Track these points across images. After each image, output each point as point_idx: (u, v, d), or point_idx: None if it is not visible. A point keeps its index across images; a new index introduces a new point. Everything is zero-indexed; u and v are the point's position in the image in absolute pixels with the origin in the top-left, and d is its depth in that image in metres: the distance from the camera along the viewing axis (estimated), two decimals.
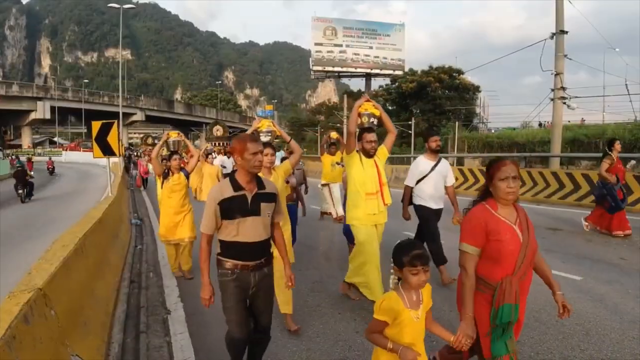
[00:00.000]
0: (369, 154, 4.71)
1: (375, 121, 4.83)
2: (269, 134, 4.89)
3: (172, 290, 5.52)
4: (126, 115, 63.36)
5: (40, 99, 61.99)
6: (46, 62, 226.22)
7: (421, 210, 5.79)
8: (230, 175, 3.01)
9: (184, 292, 5.46)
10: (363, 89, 64.47)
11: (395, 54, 62.57)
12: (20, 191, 17.23)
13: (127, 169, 23.69)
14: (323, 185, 10.07)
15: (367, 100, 4.87)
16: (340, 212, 9.60)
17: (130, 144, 66.95)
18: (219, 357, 3.88)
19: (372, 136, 4.67)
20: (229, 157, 17.11)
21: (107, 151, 9.08)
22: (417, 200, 5.79)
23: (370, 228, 4.69)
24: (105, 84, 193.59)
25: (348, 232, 5.60)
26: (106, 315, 4.25)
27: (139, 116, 72.40)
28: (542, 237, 8.01)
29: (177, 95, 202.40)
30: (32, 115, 62.44)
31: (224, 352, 3.94)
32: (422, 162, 5.76)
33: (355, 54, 62.10)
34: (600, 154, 9.61)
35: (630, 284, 5.45)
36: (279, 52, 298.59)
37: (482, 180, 15.03)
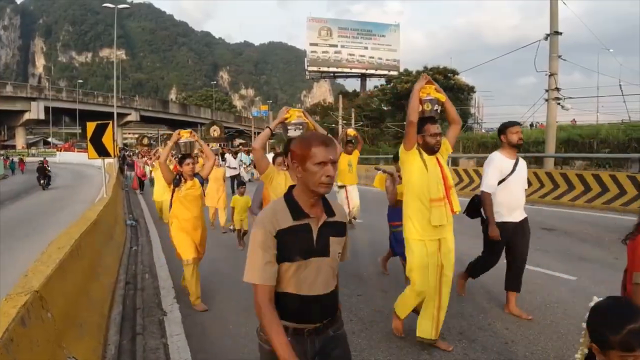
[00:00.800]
0: (433, 150, 3.82)
1: (439, 108, 3.90)
2: (300, 128, 3.69)
3: (168, 292, 5.52)
4: (121, 115, 63.12)
5: (34, 99, 61.79)
6: (40, 62, 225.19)
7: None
8: (287, 196, 2.03)
9: (180, 294, 5.45)
10: (358, 89, 64.69)
11: (390, 55, 62.92)
12: (42, 181, 22.84)
13: (121, 170, 23.49)
14: (340, 187, 9.28)
15: (429, 82, 3.89)
16: (357, 216, 9.42)
17: (125, 145, 66.79)
18: (216, 358, 3.89)
19: (436, 128, 3.80)
20: (234, 158, 16.69)
21: (102, 152, 9.07)
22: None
23: (432, 246, 3.76)
24: (100, 84, 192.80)
25: (398, 245, 5.27)
26: (102, 316, 4.25)
27: (133, 116, 72.28)
28: (537, 237, 8.03)
29: (172, 96, 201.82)
30: (26, 116, 62.25)
31: (221, 352, 3.95)
32: (502, 161, 4.51)
33: (350, 55, 62.35)
34: (595, 154, 9.67)
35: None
36: (274, 52, 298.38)
37: (477, 181, 15.13)
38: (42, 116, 62.83)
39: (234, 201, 8.19)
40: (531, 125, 33.80)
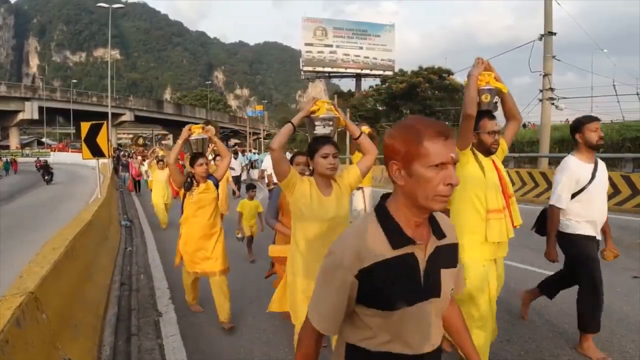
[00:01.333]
0: (489, 151, 3.20)
1: (498, 101, 3.28)
2: (331, 124, 2.97)
3: (163, 293, 5.50)
4: (115, 115, 62.96)
5: (28, 99, 61.52)
6: (34, 62, 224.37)
7: (576, 243, 3.74)
8: (381, 212, 1.41)
9: (175, 294, 5.44)
10: (353, 89, 64.73)
11: (385, 55, 63.01)
12: (46, 177, 26.60)
13: (116, 170, 23.33)
14: (357, 188, 8.40)
15: (487, 69, 3.23)
16: None
17: (120, 145, 66.59)
18: (212, 359, 3.88)
19: (495, 124, 3.17)
20: (236, 158, 16.19)
21: (97, 152, 9.04)
22: (567, 227, 3.76)
23: (488, 267, 3.11)
24: (94, 84, 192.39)
25: None
26: (97, 317, 4.24)
27: (128, 116, 72.01)
28: (531, 236, 8.04)
29: (167, 96, 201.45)
30: (20, 116, 61.95)
31: (217, 353, 3.95)
32: (579, 167, 3.66)
33: (345, 55, 62.40)
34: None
35: (617, 283, 5.51)
36: (269, 52, 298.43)
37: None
38: (36, 116, 62.54)
39: (241, 205, 7.13)
40: (524, 125, 33.99)
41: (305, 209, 2.83)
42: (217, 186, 4.66)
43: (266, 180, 11.86)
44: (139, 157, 19.58)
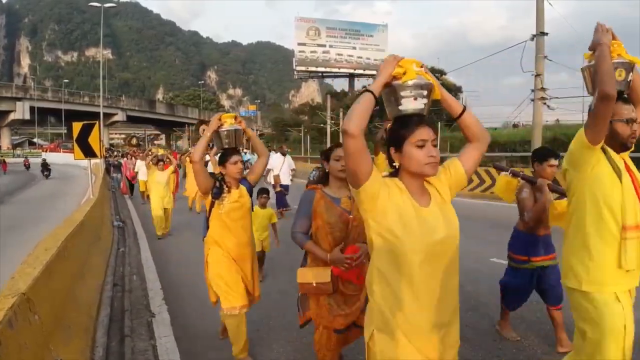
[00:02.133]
0: (624, 147, 2.46)
1: (631, 79, 2.44)
2: (425, 94, 2.02)
3: (156, 293, 5.49)
4: (107, 115, 62.64)
5: (19, 99, 61.12)
6: (25, 61, 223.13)
7: None
8: None
9: (169, 295, 5.43)
10: (346, 89, 64.84)
11: (378, 55, 63.14)
12: (45, 173, 30.64)
13: (107, 171, 23.05)
14: None
15: (614, 39, 2.42)
16: None
17: (112, 145, 66.26)
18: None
19: (631, 110, 2.41)
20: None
21: (89, 153, 9.00)
22: None
23: (624, 303, 2.38)
24: (86, 83, 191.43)
25: (510, 288, 4.01)
26: (90, 318, 4.22)
27: (120, 116, 71.70)
28: None
29: (159, 95, 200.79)
30: (11, 116, 61.55)
31: (210, 354, 3.94)
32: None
33: (338, 54, 62.53)
34: None
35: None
36: (262, 52, 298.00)
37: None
38: (27, 116, 62.14)
39: (252, 214, 5.57)
40: (514, 125, 34.15)
41: (402, 230, 1.76)
42: (251, 193, 3.72)
43: (272, 182, 11.33)
44: (134, 158, 18.58)
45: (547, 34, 15.75)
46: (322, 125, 44.87)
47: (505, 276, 4.08)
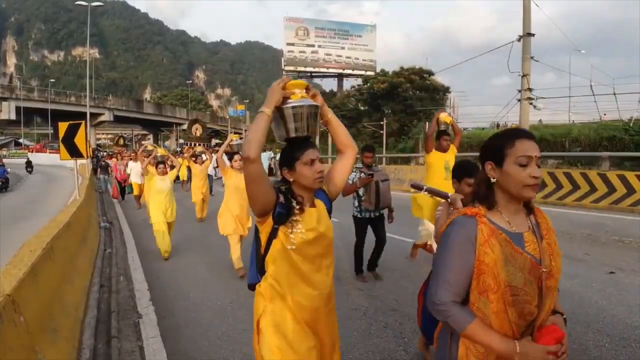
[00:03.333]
0: None
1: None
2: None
3: (143, 294, 5.46)
4: (94, 115, 62.04)
5: (5, 99, 60.30)
6: (11, 61, 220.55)
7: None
8: None
9: (155, 296, 5.41)
10: (335, 89, 64.87)
11: (366, 55, 63.27)
12: (29, 169, 36.00)
13: (95, 171, 22.76)
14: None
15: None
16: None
17: (99, 145, 65.71)
18: None
19: None
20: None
21: (75, 153, 8.93)
22: None
23: None
24: (72, 83, 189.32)
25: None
26: (76, 320, 4.20)
27: (107, 116, 71.02)
28: None
29: (147, 95, 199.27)
30: None
31: (197, 354, 3.94)
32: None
33: (327, 55, 62.49)
34: (566, 153, 9.85)
35: (594, 278, 5.64)
36: (251, 51, 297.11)
37: None
38: (13, 116, 61.34)
39: None
40: (497, 125, 34.47)
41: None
42: (330, 212, 2.33)
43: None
44: (125, 159, 17.53)
45: (533, 35, 15.90)
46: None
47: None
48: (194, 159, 12.98)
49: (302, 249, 2.10)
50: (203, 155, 13.30)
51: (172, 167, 8.66)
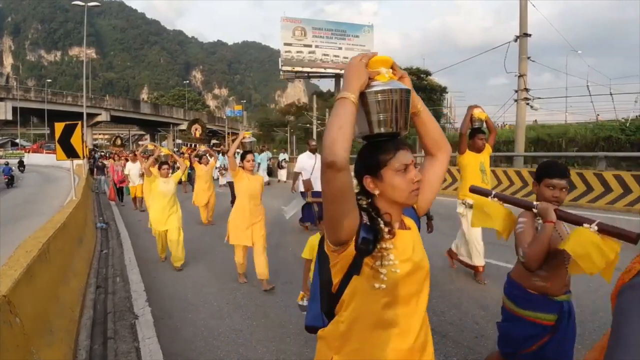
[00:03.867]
0: None
1: None
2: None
3: (139, 295, 5.45)
4: (90, 115, 61.85)
5: (2, 99, 60.06)
6: (8, 61, 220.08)
7: None
8: None
9: (152, 297, 5.40)
10: (332, 89, 64.90)
11: None
12: (21, 168, 37.48)
13: (92, 172, 22.69)
14: (466, 205, 5.63)
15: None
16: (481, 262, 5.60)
17: (96, 146, 65.58)
18: None
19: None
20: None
21: (71, 153, 8.90)
22: None
23: None
24: (69, 83, 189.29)
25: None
26: (72, 321, 4.19)
27: (103, 116, 70.85)
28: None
29: (144, 95, 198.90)
30: None
31: (193, 355, 3.94)
32: None
33: (324, 55, 62.40)
34: (562, 153, 9.88)
35: (592, 278, 5.61)
36: (248, 51, 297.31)
37: (450, 180, 15.34)
38: (9, 117, 61.09)
39: (311, 246, 3.69)
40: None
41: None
42: (419, 225, 1.79)
43: (300, 188, 8.97)
44: (123, 159, 16.69)
45: (530, 35, 15.94)
46: (308, 125, 44.89)
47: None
48: (197, 159, 12.34)
49: (395, 287, 1.52)
50: (208, 156, 12.51)
51: (175, 167, 8.30)
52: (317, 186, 8.73)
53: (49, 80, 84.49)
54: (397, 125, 1.53)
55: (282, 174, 22.87)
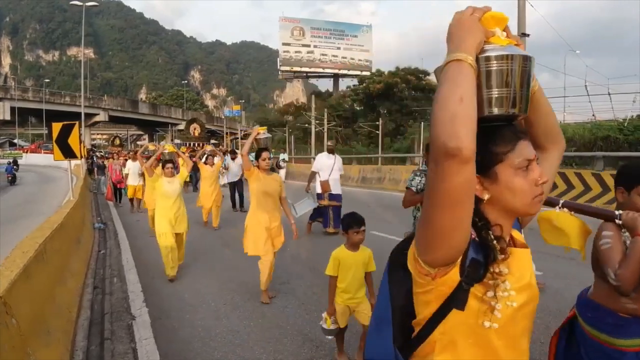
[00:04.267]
0: None
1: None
2: None
3: (136, 296, 5.44)
4: (89, 115, 61.77)
5: (0, 99, 60.09)
6: (6, 61, 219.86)
7: None
8: None
9: (149, 297, 5.40)
10: (331, 89, 64.91)
11: (362, 55, 63.35)
12: (15, 167, 32.97)
13: (90, 171, 22.63)
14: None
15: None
16: None
17: (94, 146, 65.49)
18: None
19: None
20: (234, 159, 13.43)
21: (68, 154, 8.89)
22: None
23: None
24: (67, 83, 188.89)
25: None
26: (69, 322, 4.18)
27: (102, 117, 70.79)
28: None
29: (142, 95, 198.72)
30: None
31: (190, 356, 3.93)
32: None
33: (323, 55, 62.54)
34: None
35: (589, 279, 5.61)
36: (247, 51, 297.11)
37: None
38: (8, 117, 61.02)
39: (336, 258, 3.53)
40: None
41: None
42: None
43: (317, 189, 8.83)
44: (122, 159, 16.34)
45: (528, 35, 15.94)
46: (306, 125, 44.85)
47: None
48: (203, 159, 11.92)
49: (510, 324, 1.13)
50: (212, 156, 12.06)
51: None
52: (336, 189, 8.71)
53: (47, 80, 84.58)
54: (516, 105, 1.12)
55: (282, 174, 22.85)
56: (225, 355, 3.88)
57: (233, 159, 13.46)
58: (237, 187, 13.00)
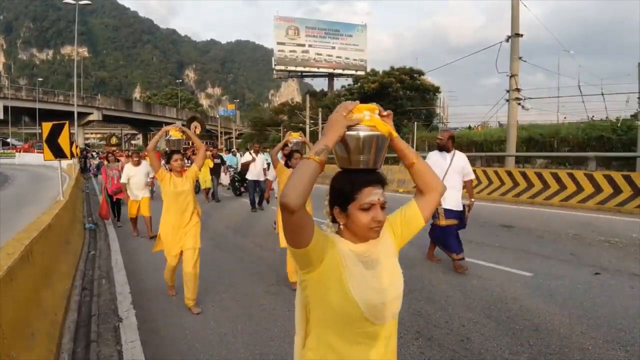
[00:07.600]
0: None
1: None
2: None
3: (124, 297, 5.39)
4: (82, 115, 61.48)
5: None
6: (0, 59, 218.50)
7: None
8: None
9: (137, 299, 5.34)
10: (326, 89, 64.92)
11: (357, 55, 63.45)
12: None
13: (82, 171, 22.39)
14: None
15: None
16: None
17: (87, 145, 65.21)
18: None
19: None
20: (234, 155, 12.67)
21: (58, 153, 8.80)
22: None
23: None
24: (61, 82, 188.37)
25: None
26: (55, 324, 4.13)
27: (95, 116, 70.47)
28: (496, 234, 8.22)
29: (136, 94, 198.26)
30: None
31: (176, 359, 3.88)
32: None
33: (317, 54, 62.58)
34: (552, 154, 9.90)
35: (579, 279, 5.64)
36: (242, 50, 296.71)
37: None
38: (0, 116, 60.76)
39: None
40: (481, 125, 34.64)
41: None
42: None
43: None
44: (122, 159, 12.55)
45: (522, 35, 15.99)
46: (301, 124, 44.82)
47: None
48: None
49: None
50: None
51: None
52: None
53: (40, 79, 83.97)
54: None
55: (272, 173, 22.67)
56: (211, 358, 3.84)
57: (234, 154, 12.98)
58: (259, 186, 12.71)
